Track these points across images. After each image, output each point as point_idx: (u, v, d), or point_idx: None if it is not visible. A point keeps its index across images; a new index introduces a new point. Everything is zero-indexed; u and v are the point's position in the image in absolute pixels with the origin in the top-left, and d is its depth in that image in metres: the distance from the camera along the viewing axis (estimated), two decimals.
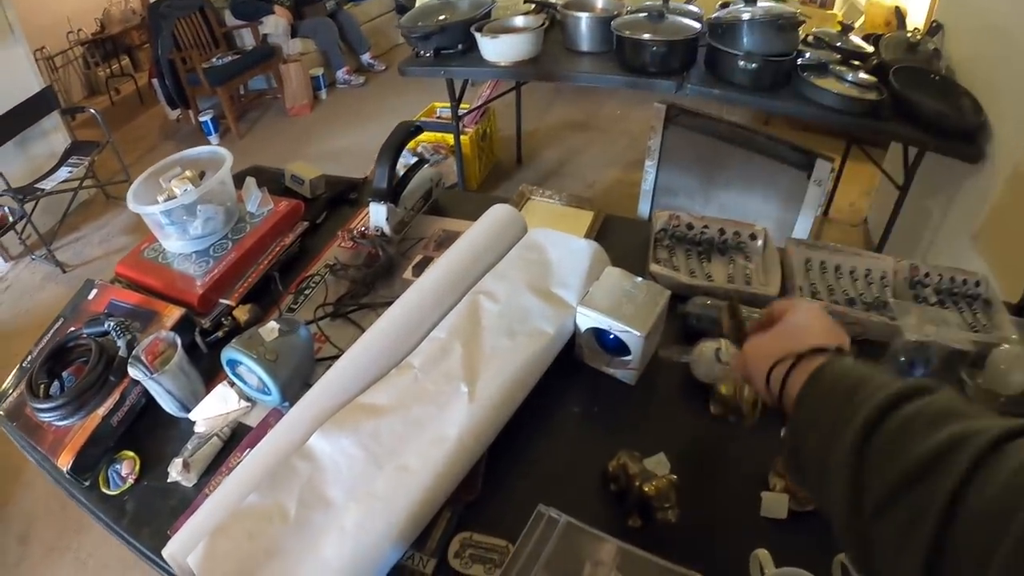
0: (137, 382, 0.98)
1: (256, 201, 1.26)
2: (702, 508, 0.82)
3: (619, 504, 0.82)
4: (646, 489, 0.77)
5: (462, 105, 2.81)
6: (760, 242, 1.28)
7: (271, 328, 0.95)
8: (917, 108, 2.03)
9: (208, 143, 4.20)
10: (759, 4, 2.11)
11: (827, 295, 1.19)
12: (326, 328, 1.11)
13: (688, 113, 2.48)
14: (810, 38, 2.33)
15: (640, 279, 1.00)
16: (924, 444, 0.44)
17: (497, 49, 2.39)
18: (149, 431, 0.99)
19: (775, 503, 0.84)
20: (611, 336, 0.94)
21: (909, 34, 2.39)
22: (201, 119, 4.25)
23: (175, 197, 1.17)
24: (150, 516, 0.87)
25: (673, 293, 1.01)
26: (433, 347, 0.90)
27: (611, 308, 0.92)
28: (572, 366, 1.01)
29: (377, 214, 1.19)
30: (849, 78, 2.11)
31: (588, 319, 0.94)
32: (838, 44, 2.31)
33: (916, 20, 2.86)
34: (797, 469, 0.57)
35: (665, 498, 0.76)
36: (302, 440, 0.80)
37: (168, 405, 0.99)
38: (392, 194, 1.22)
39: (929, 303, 1.20)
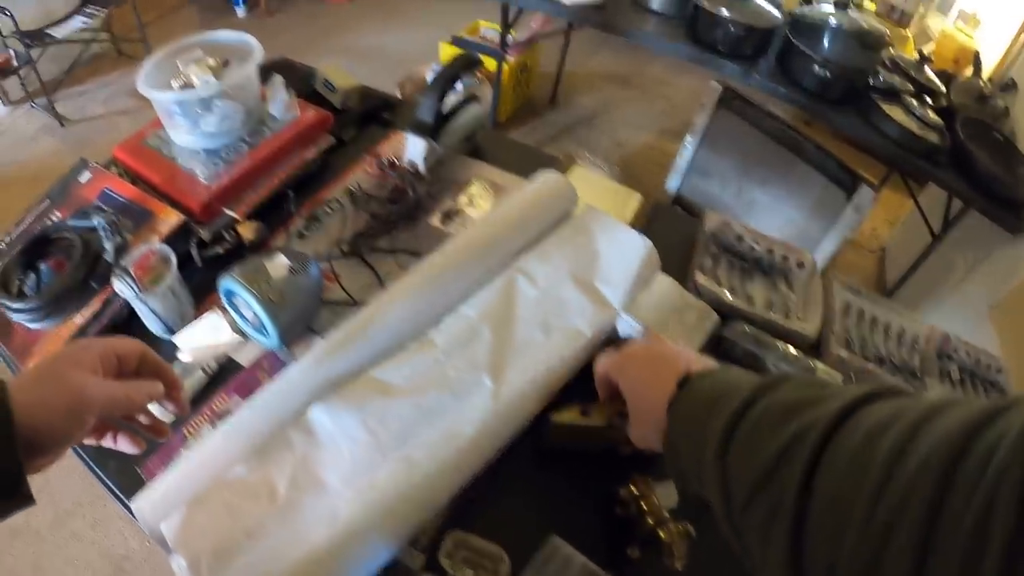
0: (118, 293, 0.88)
1: (281, 105, 1.12)
2: (702, 554, 0.75)
3: (621, 529, 0.76)
4: (661, 535, 0.71)
5: (510, 32, 2.63)
6: (806, 272, 1.20)
7: (280, 263, 0.83)
8: (974, 163, 1.95)
9: (234, 15, 3.96)
10: (849, 12, 1.98)
11: (859, 346, 1.12)
12: (337, 267, 0.99)
13: (743, 100, 2.35)
14: (887, 60, 2.21)
15: (691, 296, 0.91)
16: (772, 444, 0.45)
17: None
18: None
19: None
20: None
21: (983, 84, 2.28)
22: None
23: (192, 86, 1.04)
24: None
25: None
26: (460, 327, 0.80)
27: (658, 324, 0.83)
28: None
29: (415, 148, 1.08)
30: (917, 114, 2.01)
31: (630, 329, 0.85)
32: (913, 74, 2.19)
33: (987, 66, 2.73)
34: (679, 476, 0.58)
35: (678, 547, 0.71)
36: (302, 407, 0.71)
37: (151, 324, 0.90)
38: (434, 129, 1.09)
39: (952, 377, 1.15)
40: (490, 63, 2.97)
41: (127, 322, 0.92)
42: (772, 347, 0.99)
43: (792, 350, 1.00)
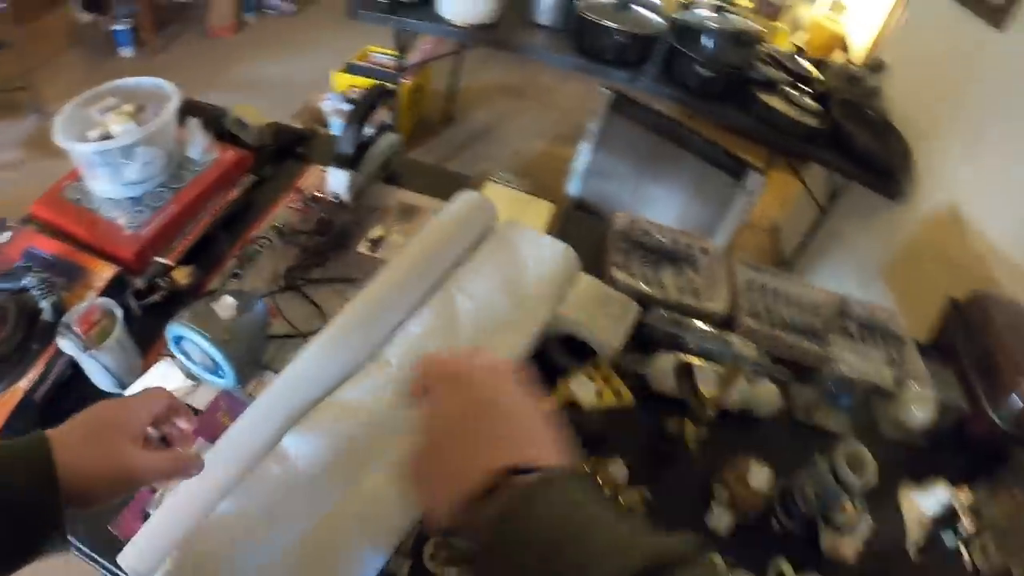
0: (63, 352, 0.87)
1: (200, 147, 1.15)
2: (655, 516, 0.86)
3: None
4: (620, 501, 0.81)
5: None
6: (709, 256, 1.31)
7: (227, 304, 0.86)
8: (852, 141, 2.17)
9: (120, 56, 3.82)
10: (725, 14, 2.15)
11: (767, 316, 1.24)
12: (277, 301, 1.03)
13: (632, 102, 2.49)
14: (764, 54, 2.40)
15: (612, 290, 1.00)
16: None
17: (456, 8, 2.29)
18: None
19: (719, 519, 0.92)
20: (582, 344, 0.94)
21: (854, 67, 2.51)
22: (116, 27, 3.81)
23: (110, 135, 1.05)
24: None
25: None
26: (409, 343, 0.85)
27: (589, 319, 0.92)
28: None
29: (337, 180, 1.12)
30: (795, 101, 2.22)
31: (564, 327, 0.93)
32: (788, 65, 2.41)
33: (856, 48, 2.98)
34: None
35: (637, 510, 0.81)
36: (273, 439, 0.74)
37: (101, 381, 0.89)
38: (354, 160, 1.14)
39: (851, 333, 1.28)
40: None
41: (70, 380, 0.91)
42: (689, 327, 1.09)
43: (707, 327, 1.11)
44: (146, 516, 0.77)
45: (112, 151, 1.02)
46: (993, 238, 1.80)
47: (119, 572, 0.73)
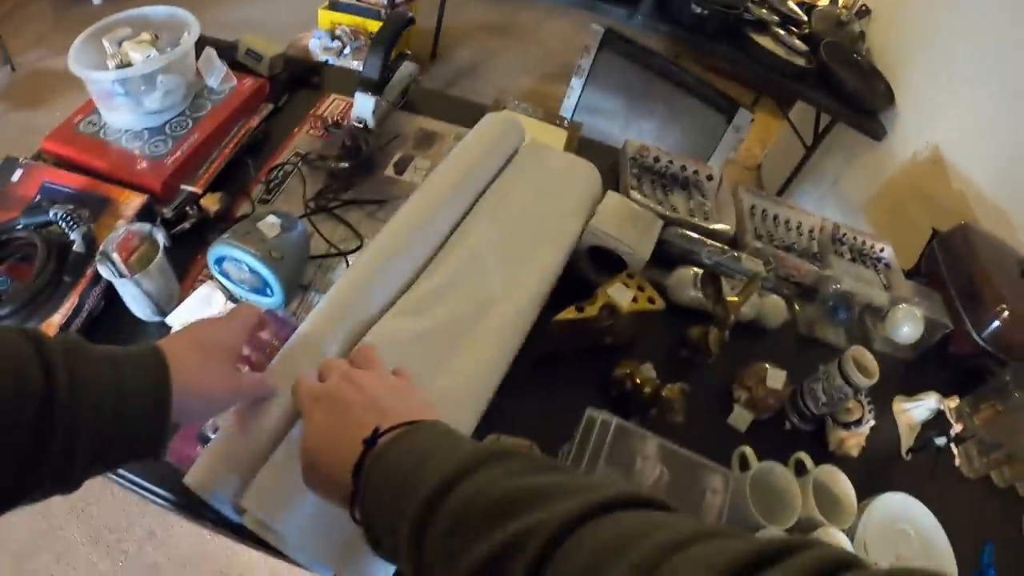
0: (96, 283, 0.87)
1: (219, 76, 1.15)
2: (689, 410, 0.93)
3: (620, 405, 0.91)
4: (666, 394, 0.87)
5: None
6: (715, 183, 1.36)
7: (271, 223, 0.88)
8: (838, 82, 2.26)
9: (88, 1, 3.69)
10: None
11: (768, 239, 1.30)
12: (311, 223, 1.05)
13: (624, 40, 2.50)
14: None
15: (637, 206, 1.04)
16: (476, 550, 0.37)
17: None
18: (112, 339, 0.73)
19: (739, 418, 1.00)
20: (614, 257, 0.99)
21: (840, 12, 2.59)
22: None
23: (128, 63, 1.04)
24: None
25: None
26: (462, 255, 0.89)
27: (619, 231, 0.97)
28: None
29: (364, 105, 1.13)
30: (785, 42, 2.28)
31: (596, 238, 0.98)
32: (778, 7, 2.48)
33: None
34: (375, 543, 0.49)
35: (678, 402, 0.87)
36: (340, 351, 0.76)
37: (141, 309, 0.90)
38: (379, 86, 1.16)
39: (845, 259, 1.35)
40: (370, 25, 2.98)
41: (105, 311, 0.92)
42: (702, 243, 1.15)
43: (718, 244, 1.17)
44: (204, 439, 0.77)
45: (134, 80, 1.01)
46: (973, 177, 1.87)
47: (179, 500, 0.75)
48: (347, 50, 2.77)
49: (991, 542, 1.04)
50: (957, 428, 1.09)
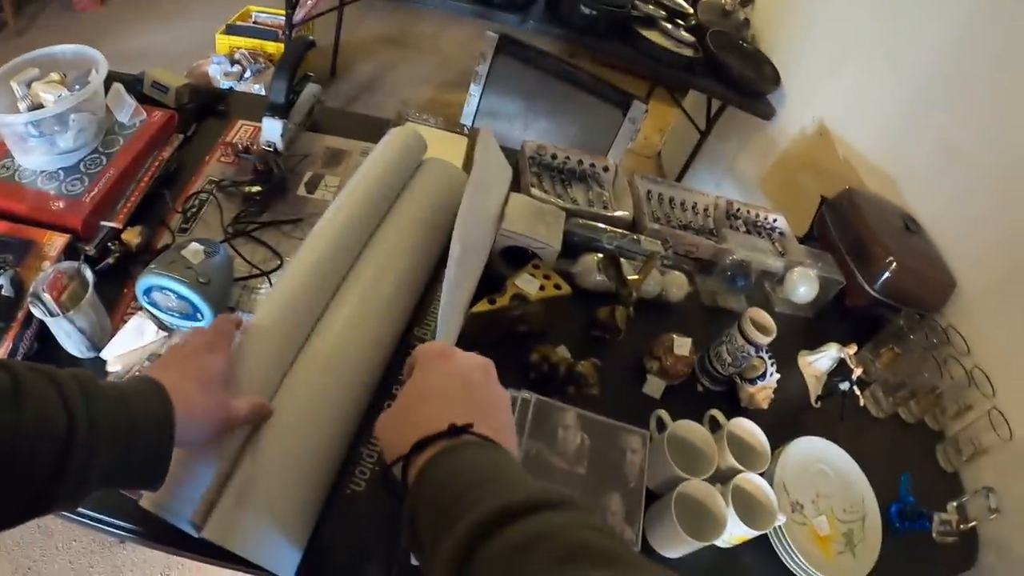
0: (28, 325, 0.89)
1: (129, 111, 1.16)
2: (604, 385, 1.02)
3: (538, 388, 0.98)
4: (579, 369, 0.96)
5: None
6: (611, 173, 1.46)
7: (195, 249, 0.92)
8: (726, 69, 2.41)
9: None
10: None
11: (666, 221, 1.41)
12: (232, 247, 1.09)
13: (518, 44, 2.59)
14: None
15: (542, 204, 1.13)
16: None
17: None
18: None
19: (653, 385, 1.10)
20: (529, 253, 1.08)
21: (724, 2, 2.78)
22: None
23: (40, 105, 1.05)
24: None
25: None
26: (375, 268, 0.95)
27: (529, 229, 1.05)
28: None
29: (272, 129, 1.18)
30: (672, 35, 2.42)
31: (509, 239, 1.06)
32: (665, 2, 2.64)
33: None
34: (417, 549, 0.49)
35: (591, 376, 0.96)
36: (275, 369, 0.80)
37: (75, 346, 0.91)
38: (286, 109, 1.20)
39: (740, 232, 1.48)
40: (268, 46, 2.99)
41: (39, 352, 0.92)
42: (603, 231, 1.24)
43: (618, 230, 1.27)
44: None
45: (47, 120, 1.02)
46: (856, 145, 2.04)
47: (138, 528, 0.78)
48: (248, 73, 2.77)
49: (907, 473, 1.17)
50: (858, 372, 1.21)
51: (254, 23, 3.15)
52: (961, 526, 1.11)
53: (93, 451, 0.51)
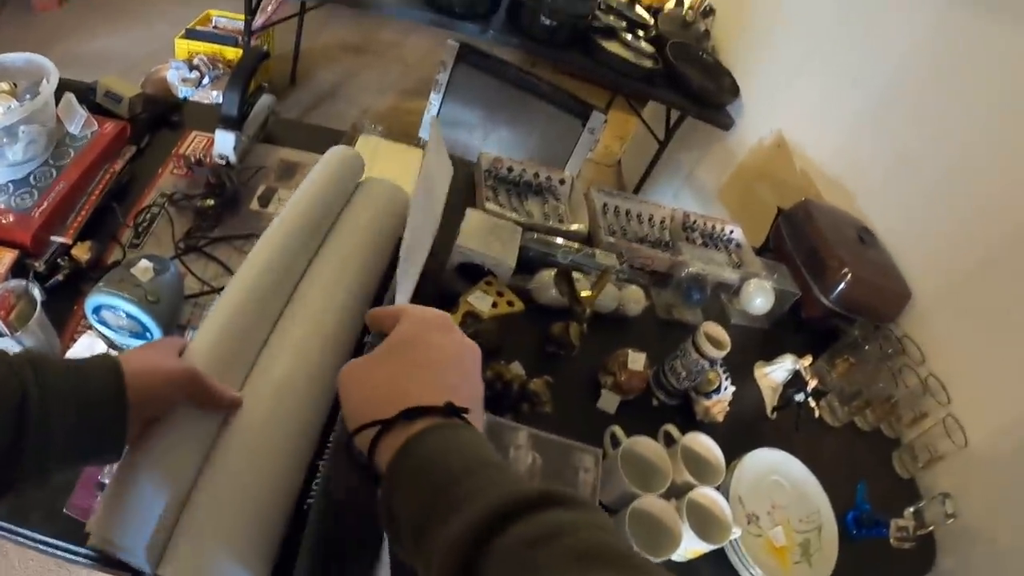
0: None
1: (80, 122, 1.14)
2: (557, 402, 1.02)
3: (492, 406, 0.98)
4: (532, 387, 0.96)
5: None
6: (568, 186, 1.48)
7: (144, 267, 0.90)
8: (685, 80, 2.44)
9: None
10: None
11: (622, 234, 1.42)
12: (183, 263, 1.07)
13: (478, 53, 2.60)
14: (602, 4, 2.64)
15: (497, 219, 1.13)
16: None
17: None
18: None
19: (608, 401, 1.11)
20: (484, 269, 1.08)
21: (685, 13, 2.81)
22: None
23: None
24: (34, 497, 0.78)
25: None
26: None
27: (484, 245, 1.05)
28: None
29: (225, 142, 1.16)
30: (632, 46, 2.46)
31: (464, 256, 1.06)
32: (626, 13, 2.67)
33: None
34: (394, 534, 0.46)
35: (544, 394, 0.96)
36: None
37: None
38: (239, 122, 1.19)
39: (697, 244, 1.50)
40: (228, 52, 2.94)
41: None
42: (558, 246, 1.26)
43: (574, 244, 1.28)
44: (101, 487, 0.78)
45: None
46: (812, 156, 2.09)
47: (93, 553, 0.74)
48: (206, 80, 2.72)
49: (863, 481, 1.20)
50: (813, 383, 1.24)
51: (214, 28, 3.09)
52: (918, 532, 1.14)
53: (47, 412, 0.51)
